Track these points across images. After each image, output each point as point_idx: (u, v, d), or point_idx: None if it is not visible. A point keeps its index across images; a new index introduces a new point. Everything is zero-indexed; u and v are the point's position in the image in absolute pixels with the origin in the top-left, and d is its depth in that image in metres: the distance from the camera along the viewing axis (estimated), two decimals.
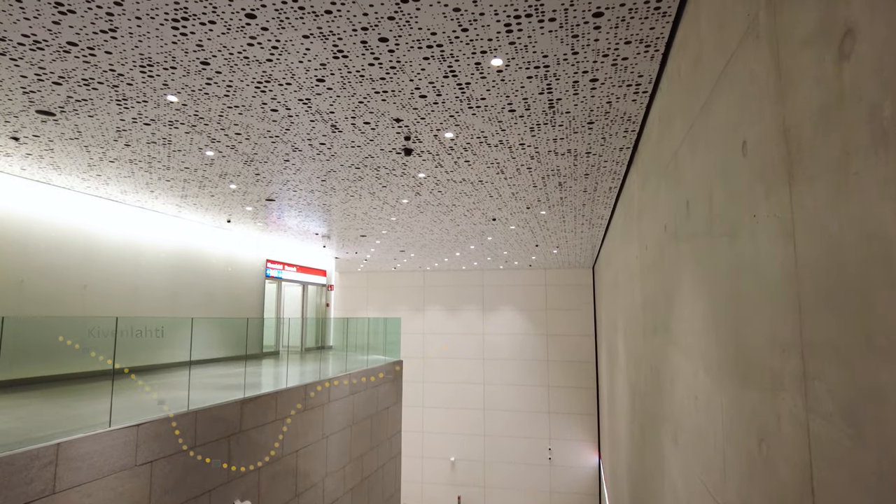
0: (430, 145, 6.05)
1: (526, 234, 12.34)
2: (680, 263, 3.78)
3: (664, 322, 4.49)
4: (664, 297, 4.48)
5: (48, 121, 5.44)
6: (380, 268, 21.62)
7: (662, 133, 4.39)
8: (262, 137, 5.86)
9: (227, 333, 11.36)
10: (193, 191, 8.40)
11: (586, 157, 6.46)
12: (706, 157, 2.99)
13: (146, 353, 9.16)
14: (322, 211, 9.86)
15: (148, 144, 6.13)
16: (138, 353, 8.99)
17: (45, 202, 8.15)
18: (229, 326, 11.41)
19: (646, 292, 5.67)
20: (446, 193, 8.36)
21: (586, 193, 8.33)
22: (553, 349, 20.28)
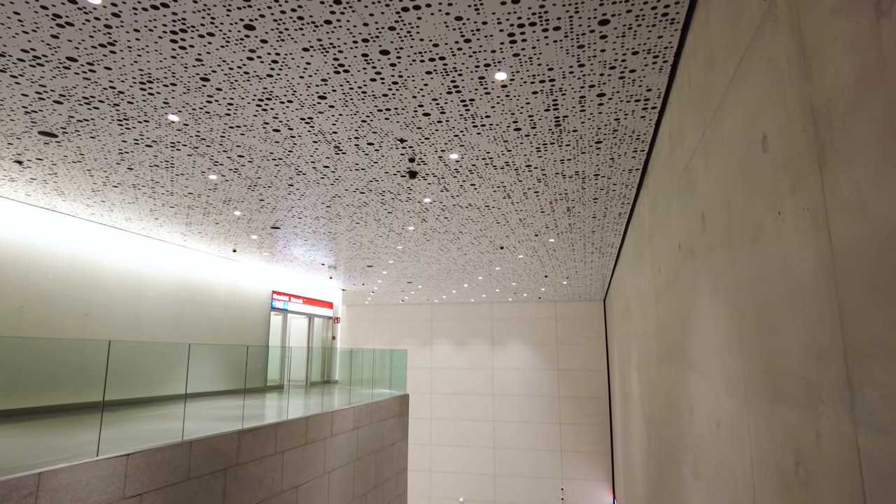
0: (434, 167, 5.95)
1: (534, 263, 12.13)
2: (696, 282, 3.57)
3: (680, 346, 4.25)
4: (679, 319, 4.25)
5: (51, 142, 5.40)
6: (387, 300, 21.41)
7: (673, 149, 4.24)
8: (266, 160, 5.79)
9: (230, 366, 11.13)
10: (198, 218, 8.33)
11: (595, 179, 6.32)
12: (721, 163, 2.83)
13: (147, 384, 8.95)
14: (328, 239, 9.76)
15: (151, 168, 6.08)
16: (138, 385, 8.79)
17: (49, 229, 8.12)
18: (233, 359, 11.19)
19: (660, 318, 5.43)
20: (452, 220, 8.23)
21: (595, 220, 8.17)
22: (564, 385, 19.78)
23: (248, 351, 8.88)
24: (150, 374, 8.75)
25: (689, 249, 3.75)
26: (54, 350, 7.73)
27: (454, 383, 21.15)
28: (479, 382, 20.87)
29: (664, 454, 5.22)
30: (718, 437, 3.00)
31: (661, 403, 5.39)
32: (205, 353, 10.57)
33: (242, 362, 11.36)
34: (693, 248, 3.63)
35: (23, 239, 7.71)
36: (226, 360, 11.11)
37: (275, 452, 6.85)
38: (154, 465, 4.98)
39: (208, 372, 10.51)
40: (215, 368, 10.74)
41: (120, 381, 8.25)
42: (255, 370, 12.20)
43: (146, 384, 8.73)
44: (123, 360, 8.51)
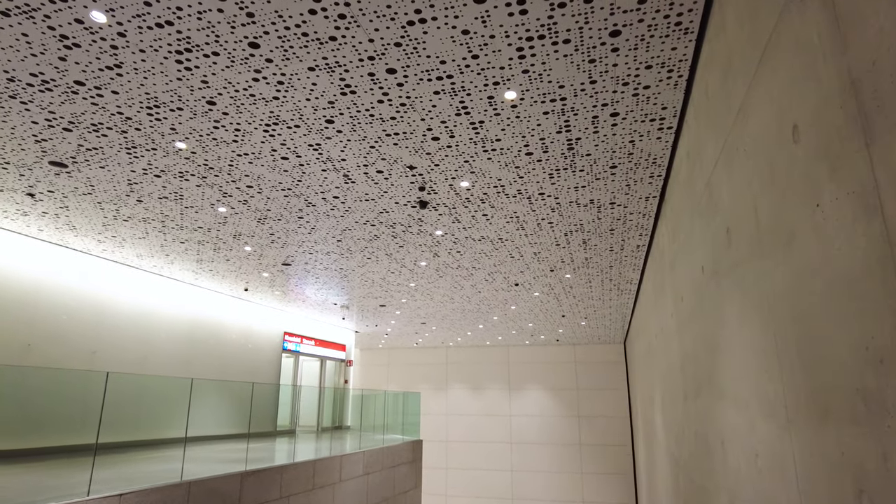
0: (445, 196, 5.83)
1: (551, 301, 11.83)
2: (723, 303, 3.32)
3: (707, 376, 3.95)
4: (706, 347, 3.97)
5: (61, 173, 5.41)
6: (401, 343, 21.06)
7: (692, 168, 4.07)
8: (275, 190, 5.72)
9: (239, 409, 10.85)
10: (209, 254, 8.28)
11: (611, 208, 6.14)
12: (746, 169, 2.64)
13: (153, 427, 8.71)
14: (339, 277, 9.63)
15: (160, 200, 6.05)
16: (144, 427, 8.55)
17: (59, 265, 8.11)
18: (242, 401, 10.92)
19: (684, 350, 5.12)
20: (465, 254, 8.06)
21: (613, 253, 7.93)
22: (586, 432, 19.01)
23: (253, 388, 8.64)
24: (157, 416, 8.52)
25: (714, 270, 3.51)
26: (57, 388, 7.57)
27: (470, 430, 20.47)
28: (496, 429, 20.18)
29: (695, 499, 4.81)
30: (757, 471, 2.68)
31: (689, 443, 5.02)
32: (212, 396, 10.33)
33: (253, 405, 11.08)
34: (717, 267, 3.40)
35: (33, 275, 7.69)
36: (235, 403, 10.83)
37: (280, 497, 6.50)
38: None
39: (216, 414, 10.24)
40: (224, 411, 10.46)
41: (125, 424, 8.05)
42: (264, 414, 11.89)
43: (152, 426, 8.49)
44: (129, 402, 8.32)
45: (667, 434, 7.08)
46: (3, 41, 3.44)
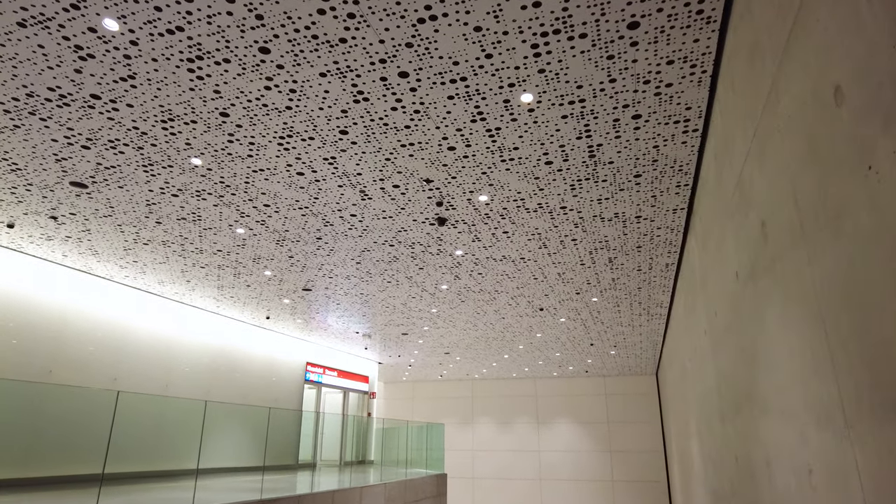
0: (464, 212, 5.69)
1: (578, 328, 11.47)
2: (761, 307, 3.06)
3: (747, 392, 3.64)
4: (744, 360, 3.67)
5: (82, 195, 5.45)
6: (425, 376, 20.70)
7: (720, 170, 3.86)
8: (292, 209, 5.67)
9: (259, 440, 10.65)
10: (229, 279, 8.25)
11: (636, 222, 5.91)
12: (782, 151, 2.44)
13: (172, 457, 8.56)
14: (360, 303, 9.49)
15: (178, 221, 6.05)
16: (161, 457, 8.41)
17: (82, 292, 8.16)
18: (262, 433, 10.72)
19: (720, 369, 4.79)
20: (487, 276, 7.86)
21: (641, 273, 7.64)
22: (618, 468, 18.18)
23: (269, 413, 8.44)
24: (176, 446, 8.36)
25: (749, 272, 3.26)
26: (72, 415, 7.50)
27: (497, 467, 19.80)
28: (524, 466, 19.47)
29: None
30: (811, 489, 2.38)
31: (730, 469, 4.63)
32: (233, 426, 10.16)
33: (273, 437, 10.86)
34: (754, 268, 3.15)
35: (57, 302, 7.75)
36: (255, 434, 10.64)
37: None
38: None
39: (236, 446, 10.05)
40: (244, 442, 10.27)
41: (142, 453, 7.91)
42: (285, 446, 11.65)
43: (171, 456, 8.34)
44: (147, 431, 8.21)
45: (705, 464, 6.63)
46: (20, 53, 3.47)
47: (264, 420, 10.70)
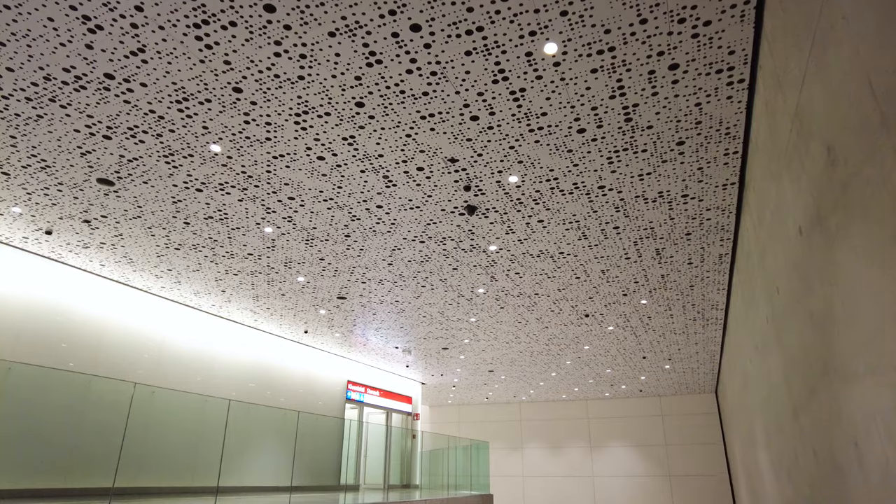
0: (494, 198, 5.38)
1: (628, 338, 10.81)
2: (833, 250, 2.60)
3: (823, 364, 3.12)
4: (816, 327, 3.16)
5: (110, 193, 5.46)
6: (470, 399, 20.12)
7: (773, 114, 3.43)
8: (316, 201, 5.51)
9: (299, 460, 10.41)
10: (263, 288, 8.16)
11: (683, 203, 5.45)
12: (848, 42, 2.04)
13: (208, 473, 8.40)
14: (396, 312, 9.23)
15: (206, 221, 5.99)
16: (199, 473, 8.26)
17: (121, 304, 8.24)
18: (301, 453, 10.48)
19: (788, 353, 4.23)
20: (525, 276, 7.46)
21: (692, 267, 7.08)
22: (679, 494, 16.97)
23: (298, 417, 8.17)
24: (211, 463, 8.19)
25: (815, 217, 2.80)
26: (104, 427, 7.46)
27: (549, 493, 18.86)
28: (578, 492, 18.46)
29: None
30: None
31: (807, 469, 4.03)
32: (271, 443, 9.97)
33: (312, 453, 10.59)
34: (820, 209, 2.70)
35: (97, 313, 7.83)
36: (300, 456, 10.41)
37: None
38: None
39: (273, 464, 9.83)
40: (279, 458, 10.04)
41: (174, 468, 7.77)
42: (326, 466, 11.35)
43: (206, 472, 8.17)
44: (187, 448, 8.10)
45: (776, 474, 5.92)
46: (33, 30, 3.45)
47: (303, 439, 10.47)
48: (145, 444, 7.75)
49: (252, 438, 8.94)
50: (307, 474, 9.71)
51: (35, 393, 6.82)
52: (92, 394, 7.52)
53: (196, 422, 8.42)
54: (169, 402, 8.47)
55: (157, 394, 8.31)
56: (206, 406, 9.11)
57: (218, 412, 8.16)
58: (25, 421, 6.64)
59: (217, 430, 7.30)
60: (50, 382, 7.03)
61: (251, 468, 8.76)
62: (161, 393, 8.32)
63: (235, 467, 8.22)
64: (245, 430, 8.82)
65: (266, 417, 10.03)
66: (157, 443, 7.80)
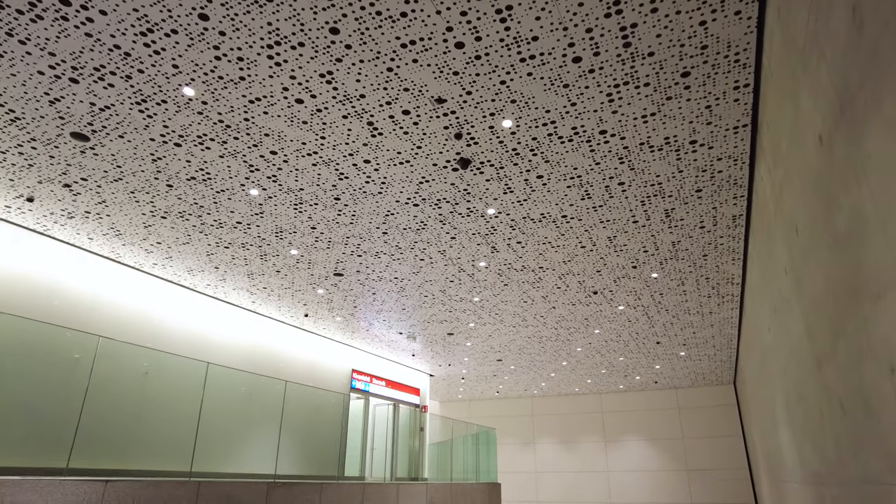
0: (487, 147, 5.04)
1: (640, 319, 10.38)
2: (864, 148, 2.23)
3: (850, 296, 2.73)
4: (841, 250, 2.78)
5: (86, 150, 5.22)
6: (481, 393, 19.73)
7: (788, 16, 3.06)
8: (300, 155, 5.22)
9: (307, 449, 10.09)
10: (257, 264, 7.90)
11: (692, 151, 5.07)
12: None
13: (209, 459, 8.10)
14: (396, 291, 8.92)
15: (188, 182, 5.74)
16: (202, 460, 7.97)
17: (113, 281, 8.03)
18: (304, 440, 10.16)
19: (809, 298, 3.83)
20: (527, 245, 7.11)
21: (705, 232, 6.67)
22: (697, 489, 16.40)
23: (285, 388, 7.82)
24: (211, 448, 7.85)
25: (839, 111, 2.44)
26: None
27: (563, 489, 18.38)
28: (592, 488, 17.96)
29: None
30: None
31: (835, 425, 3.63)
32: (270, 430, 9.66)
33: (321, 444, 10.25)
34: (846, 93, 2.33)
35: (87, 290, 7.62)
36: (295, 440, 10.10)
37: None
38: (145, 502, 3.98)
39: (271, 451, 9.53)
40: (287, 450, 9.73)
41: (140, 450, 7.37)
42: (328, 455, 11.03)
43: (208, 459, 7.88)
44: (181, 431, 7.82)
45: (799, 448, 5.49)
46: None
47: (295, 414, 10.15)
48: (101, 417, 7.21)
49: (235, 416, 8.51)
50: (301, 463, 9.34)
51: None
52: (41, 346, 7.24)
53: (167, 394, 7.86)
54: (162, 385, 8.21)
55: (150, 375, 8.06)
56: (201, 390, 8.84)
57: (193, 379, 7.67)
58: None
59: (191, 402, 6.87)
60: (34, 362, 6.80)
61: (235, 452, 8.33)
62: (155, 375, 8.05)
63: (214, 451, 7.82)
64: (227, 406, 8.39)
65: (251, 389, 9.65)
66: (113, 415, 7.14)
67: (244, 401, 8.84)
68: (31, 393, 5.84)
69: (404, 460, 13.98)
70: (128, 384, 7.14)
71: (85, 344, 6.63)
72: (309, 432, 9.57)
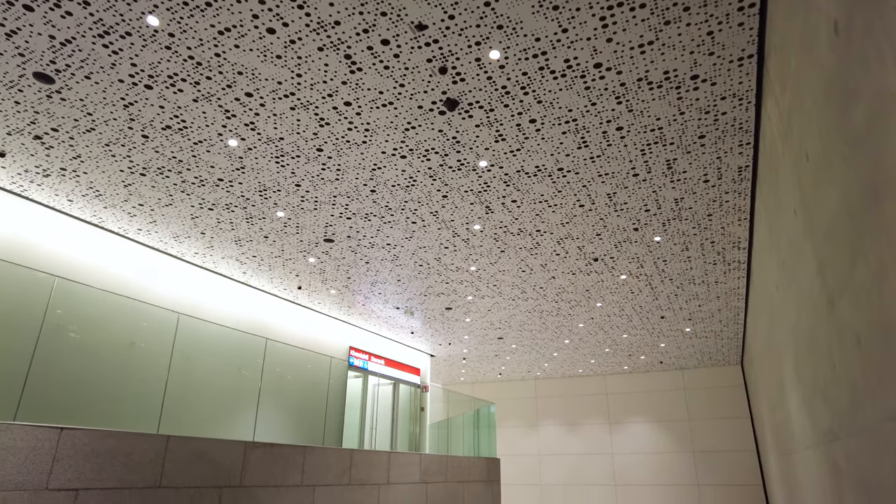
0: (475, 84, 4.73)
1: (644, 291, 10.06)
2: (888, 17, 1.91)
3: (867, 205, 2.42)
4: (859, 160, 2.47)
5: (53, 94, 4.96)
6: (483, 376, 19.50)
7: None
8: (276, 97, 4.93)
9: (303, 419, 9.90)
10: (244, 228, 7.64)
11: (693, 89, 4.74)
12: None
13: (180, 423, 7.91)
14: (390, 260, 8.65)
15: (164, 132, 5.46)
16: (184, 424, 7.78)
17: (97, 249, 7.81)
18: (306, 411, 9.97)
19: (821, 232, 3.51)
20: (523, 205, 6.80)
21: (709, 187, 6.34)
22: (703, 470, 16.12)
23: (266, 345, 7.59)
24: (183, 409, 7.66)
25: (851, 4, 2.11)
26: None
27: (567, 472, 18.16)
28: (596, 470, 17.72)
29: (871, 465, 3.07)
30: None
31: (850, 364, 3.32)
32: (272, 403, 9.46)
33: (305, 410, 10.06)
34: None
35: (69, 256, 7.40)
36: (299, 413, 9.91)
37: (301, 484, 5.32)
38: (106, 453, 3.73)
39: (273, 422, 9.34)
40: (278, 419, 9.54)
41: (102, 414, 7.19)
42: (321, 427, 10.84)
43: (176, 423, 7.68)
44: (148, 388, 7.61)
45: (809, 407, 5.18)
46: None
47: (303, 399, 9.94)
48: (57, 368, 6.96)
49: (211, 376, 8.20)
50: (285, 431, 9.06)
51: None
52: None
53: (135, 348, 7.51)
54: (150, 355, 7.99)
55: (136, 345, 7.85)
56: (191, 363, 8.63)
57: (162, 334, 7.31)
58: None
59: (160, 357, 6.58)
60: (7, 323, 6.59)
61: (210, 417, 8.05)
62: (142, 346, 7.84)
63: (187, 413, 7.54)
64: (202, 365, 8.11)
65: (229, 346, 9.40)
66: (71, 367, 6.78)
67: (220, 358, 8.57)
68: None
69: (404, 439, 13.79)
70: (90, 335, 6.89)
71: (41, 282, 6.30)
72: (293, 397, 9.31)
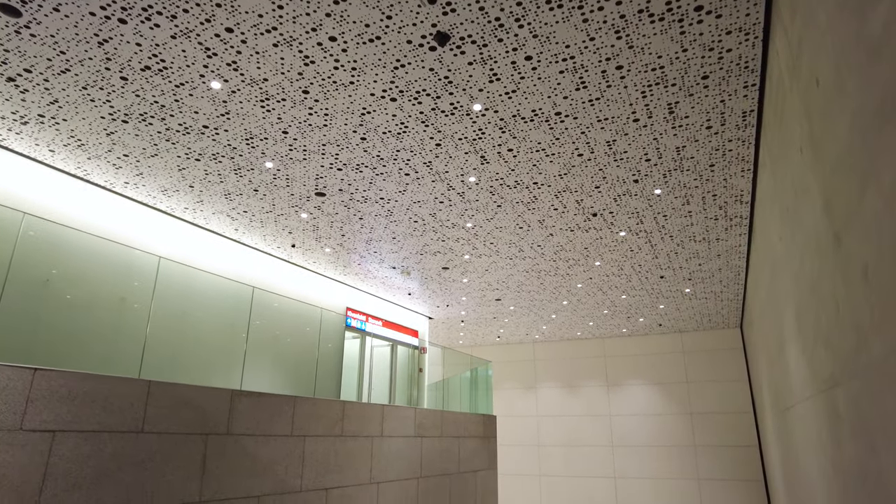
0: (466, 15, 4.47)
1: (643, 248, 9.90)
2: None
3: (883, 117, 2.22)
4: (875, 69, 2.25)
5: (22, 30, 4.70)
6: (482, 339, 19.53)
7: None
8: (257, 32, 4.68)
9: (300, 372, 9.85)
10: (233, 181, 7.45)
11: (697, 21, 4.47)
12: None
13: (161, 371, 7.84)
14: (384, 216, 8.47)
15: (143, 73, 5.22)
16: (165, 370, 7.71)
17: (85, 203, 7.63)
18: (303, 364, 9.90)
19: (829, 163, 3.32)
20: (520, 154, 6.58)
21: (712, 133, 6.11)
22: (700, 432, 16.25)
23: (252, 294, 7.49)
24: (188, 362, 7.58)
25: None
26: None
27: (565, 433, 18.34)
28: (594, 432, 17.89)
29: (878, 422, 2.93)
30: None
31: (856, 299, 3.17)
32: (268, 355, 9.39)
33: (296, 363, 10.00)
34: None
35: (56, 209, 7.22)
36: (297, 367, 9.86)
37: (290, 434, 5.26)
38: (83, 396, 3.63)
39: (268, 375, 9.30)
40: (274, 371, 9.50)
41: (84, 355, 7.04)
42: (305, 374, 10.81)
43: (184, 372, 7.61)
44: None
45: (809, 358, 5.06)
46: None
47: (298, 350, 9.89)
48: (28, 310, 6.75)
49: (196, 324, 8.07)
50: (274, 383, 8.98)
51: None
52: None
53: (114, 294, 7.27)
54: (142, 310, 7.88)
55: (128, 301, 7.72)
56: (184, 318, 8.53)
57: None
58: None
59: (141, 301, 6.41)
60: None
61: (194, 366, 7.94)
62: (133, 302, 7.71)
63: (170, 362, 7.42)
64: (186, 313, 7.97)
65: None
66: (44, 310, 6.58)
67: (209, 311, 8.47)
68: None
69: (402, 400, 13.85)
70: (68, 277, 6.76)
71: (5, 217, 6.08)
72: (286, 350, 9.25)
